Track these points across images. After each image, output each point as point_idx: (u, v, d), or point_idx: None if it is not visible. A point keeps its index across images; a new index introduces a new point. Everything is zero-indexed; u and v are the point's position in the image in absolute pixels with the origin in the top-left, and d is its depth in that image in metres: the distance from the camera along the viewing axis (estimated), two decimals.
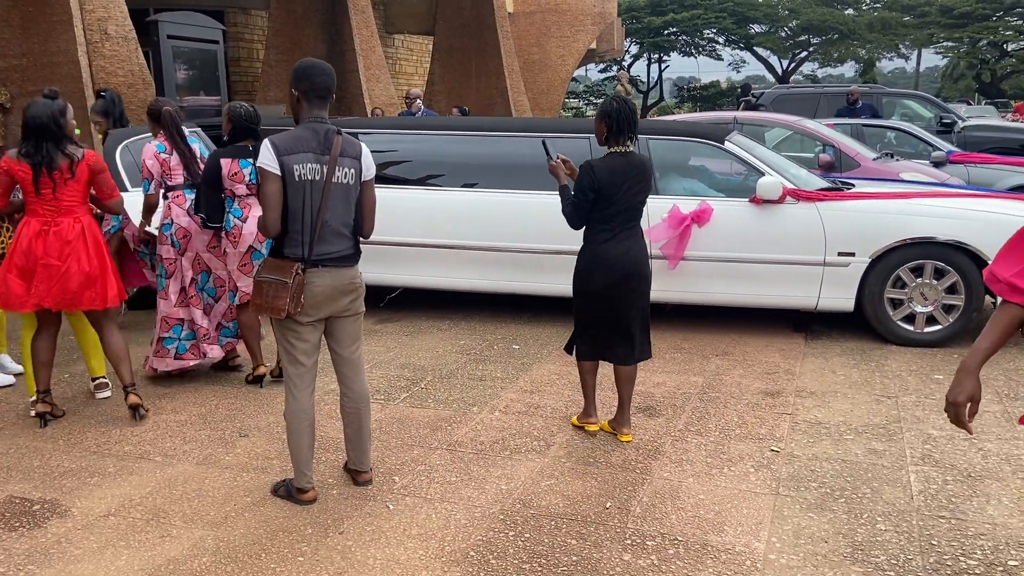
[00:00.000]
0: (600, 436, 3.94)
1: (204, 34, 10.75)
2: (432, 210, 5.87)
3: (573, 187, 3.77)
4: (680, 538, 3.00)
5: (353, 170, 3.18)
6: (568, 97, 38.90)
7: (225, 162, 4.48)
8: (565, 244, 5.52)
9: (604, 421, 4.06)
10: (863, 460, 3.63)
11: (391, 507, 3.26)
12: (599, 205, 3.69)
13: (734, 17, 40.20)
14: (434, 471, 3.59)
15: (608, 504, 3.27)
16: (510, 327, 5.94)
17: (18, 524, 3.14)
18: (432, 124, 6.19)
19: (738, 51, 46.11)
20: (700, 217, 5.37)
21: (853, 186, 5.82)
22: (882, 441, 3.82)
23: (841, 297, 5.29)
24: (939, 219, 5.13)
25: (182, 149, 4.63)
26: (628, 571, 2.80)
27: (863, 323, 5.72)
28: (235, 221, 4.53)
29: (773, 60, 44.44)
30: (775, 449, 3.75)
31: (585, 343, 3.90)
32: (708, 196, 5.53)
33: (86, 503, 3.30)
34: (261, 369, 4.68)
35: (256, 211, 4.55)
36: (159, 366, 4.67)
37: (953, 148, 9.38)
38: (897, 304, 5.27)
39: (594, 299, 3.78)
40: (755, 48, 43.78)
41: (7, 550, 2.95)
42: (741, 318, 5.99)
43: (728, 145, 5.58)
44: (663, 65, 45.97)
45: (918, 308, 5.23)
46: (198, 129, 6.17)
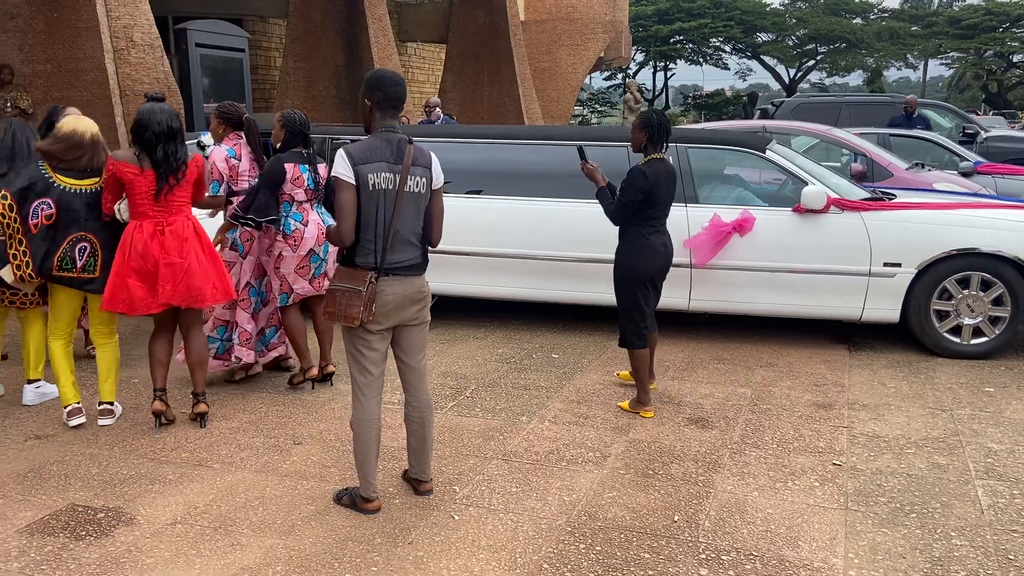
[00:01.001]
0: (656, 448, 3.91)
1: (230, 42, 10.78)
2: (468, 218, 5.85)
3: (622, 190, 4.18)
4: (755, 553, 2.97)
5: (424, 179, 3.17)
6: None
7: (289, 166, 4.52)
8: (602, 252, 5.51)
9: (625, 372, 4.77)
10: (928, 474, 3.60)
11: (456, 517, 3.24)
12: (644, 204, 4.18)
13: (742, 26, 40.30)
14: (493, 481, 3.56)
15: (676, 517, 3.24)
16: (546, 336, 5.92)
17: (84, 533, 3.11)
18: (467, 132, 6.18)
19: (744, 60, 46.22)
20: (742, 226, 5.35)
21: (895, 196, 5.80)
22: (944, 455, 3.80)
23: (886, 308, 5.27)
24: (986, 230, 5.11)
25: (260, 156, 4.67)
26: None
27: (905, 334, 5.70)
28: (295, 225, 4.56)
29: (780, 69, 44.52)
30: (837, 463, 3.72)
31: (637, 332, 4.32)
32: (749, 205, 5.51)
33: (150, 511, 3.27)
34: (313, 371, 4.68)
35: (314, 216, 4.63)
36: None
37: (980, 159, 9.36)
38: (943, 316, 5.25)
39: (641, 286, 4.29)
40: (762, 57, 43.87)
41: (77, 559, 2.93)
42: (780, 328, 5.96)
43: (769, 154, 5.56)
44: (668, 73, 46.06)
45: (965, 320, 5.20)
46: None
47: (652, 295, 4.37)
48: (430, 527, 3.16)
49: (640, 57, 43.29)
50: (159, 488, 3.48)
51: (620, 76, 41.21)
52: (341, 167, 3.04)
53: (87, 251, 4.01)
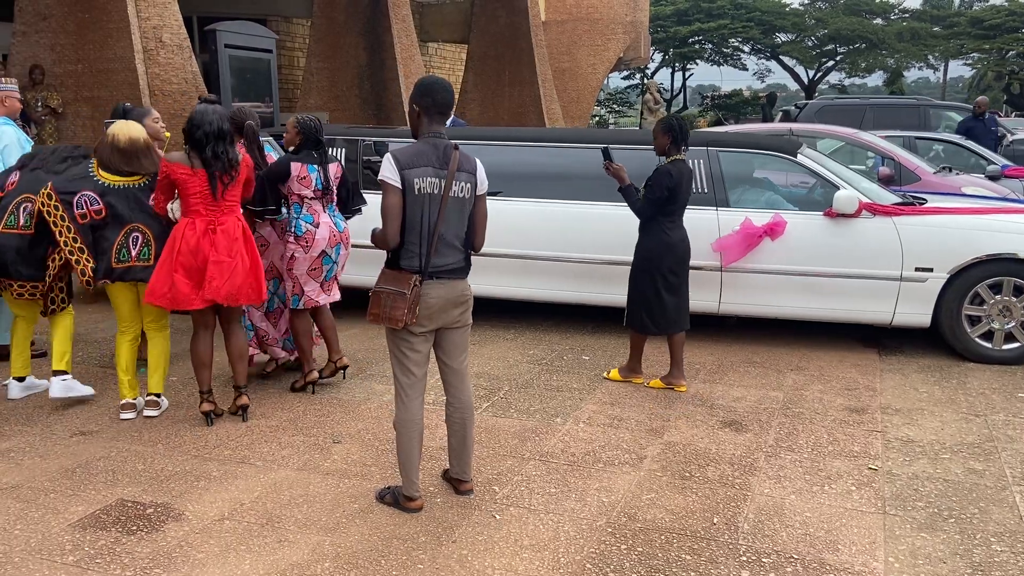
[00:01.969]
0: (691, 451, 3.94)
1: (258, 43, 10.90)
2: (497, 221, 5.89)
3: (648, 187, 4.57)
4: (795, 556, 3.00)
5: (469, 184, 3.22)
6: None
7: (295, 165, 4.57)
8: (631, 255, 5.52)
9: (656, 380, 4.87)
10: (964, 480, 3.61)
11: (498, 517, 3.28)
12: (668, 201, 4.55)
13: (761, 27, 40.12)
14: (532, 482, 3.61)
15: (715, 520, 3.27)
16: (575, 337, 5.96)
17: (135, 528, 3.18)
18: (497, 135, 6.22)
19: (763, 60, 46.01)
20: (774, 230, 5.37)
21: (926, 201, 5.80)
22: (980, 460, 3.81)
23: (918, 313, 5.27)
24: (1020, 235, 5.10)
25: (260, 164, 4.69)
26: None
27: (934, 339, 5.70)
28: (307, 226, 4.59)
29: (799, 69, 44.28)
30: (873, 467, 3.74)
31: (649, 318, 4.67)
32: (780, 209, 5.53)
33: (198, 507, 3.34)
34: (313, 375, 4.73)
35: (325, 217, 4.67)
36: None
37: (1007, 162, 9.31)
38: (974, 321, 5.25)
39: (660, 276, 4.61)
40: (781, 57, 43.65)
41: (130, 553, 3.00)
42: (808, 331, 5.98)
43: (801, 158, 5.58)
44: (687, 74, 45.93)
45: (997, 325, 5.20)
46: (271, 139, 6.24)
47: (672, 289, 4.64)
48: (472, 526, 3.21)
49: (659, 57, 43.19)
50: (205, 484, 3.55)
51: (639, 76, 41.13)
52: (388, 171, 3.10)
53: (140, 240, 4.14)
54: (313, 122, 4.62)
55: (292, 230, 4.59)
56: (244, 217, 4.28)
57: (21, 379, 4.62)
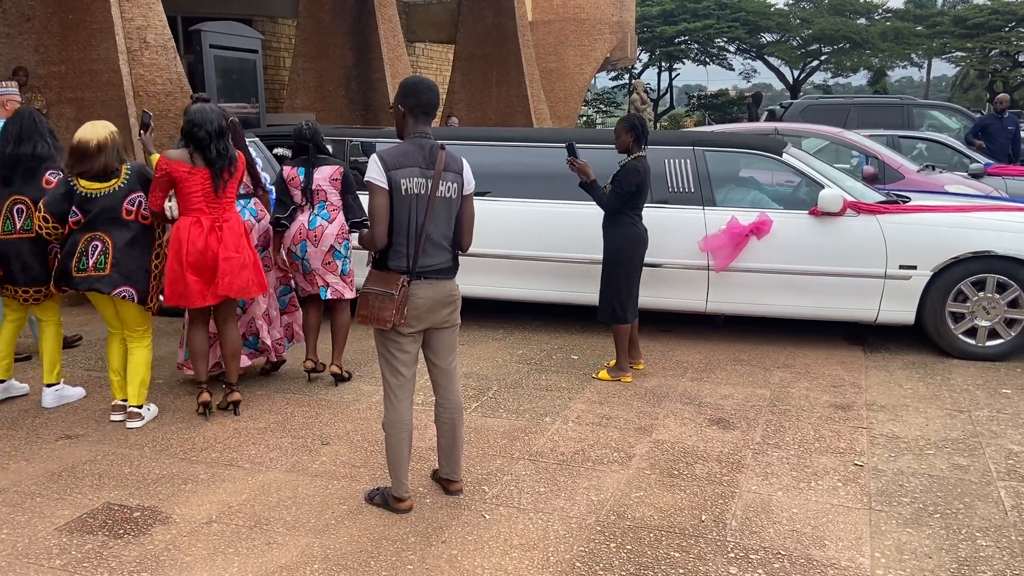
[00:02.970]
0: (679, 449, 3.96)
1: (244, 44, 10.84)
2: (485, 221, 5.90)
3: (616, 181, 4.76)
4: (783, 552, 3.02)
5: (456, 184, 3.23)
6: None
7: (287, 169, 4.82)
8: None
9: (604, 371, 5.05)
10: (949, 475, 3.65)
11: (487, 517, 3.29)
12: (635, 196, 4.76)
13: (746, 27, 40.29)
14: (521, 481, 3.61)
15: (703, 517, 3.29)
16: (564, 337, 5.97)
17: (122, 531, 3.17)
18: (483, 135, 6.23)
19: (749, 60, 46.20)
20: (760, 229, 5.40)
21: (909, 199, 5.84)
22: (964, 456, 3.84)
23: (902, 310, 5.32)
24: (1002, 233, 5.16)
25: (250, 159, 4.72)
26: None
27: (919, 336, 5.74)
28: (319, 222, 4.80)
29: (784, 69, 44.49)
30: (859, 464, 3.77)
31: (625, 307, 4.86)
32: (766, 208, 5.56)
33: (185, 510, 3.33)
34: (308, 364, 4.93)
35: (302, 217, 4.83)
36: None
37: (989, 160, 9.39)
38: (958, 318, 5.29)
39: (633, 269, 4.86)
40: (766, 57, 43.84)
41: (117, 557, 2.99)
42: (795, 329, 6.01)
43: (786, 157, 5.61)
44: (673, 73, 46.04)
45: (980, 322, 5.25)
46: (256, 139, 6.23)
47: (638, 278, 4.93)
48: (462, 526, 3.21)
49: (645, 57, 43.28)
50: (192, 487, 3.54)
51: (626, 76, 41.23)
52: (374, 172, 3.10)
53: (98, 249, 4.08)
54: (304, 129, 4.79)
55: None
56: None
57: (2, 381, 4.61)
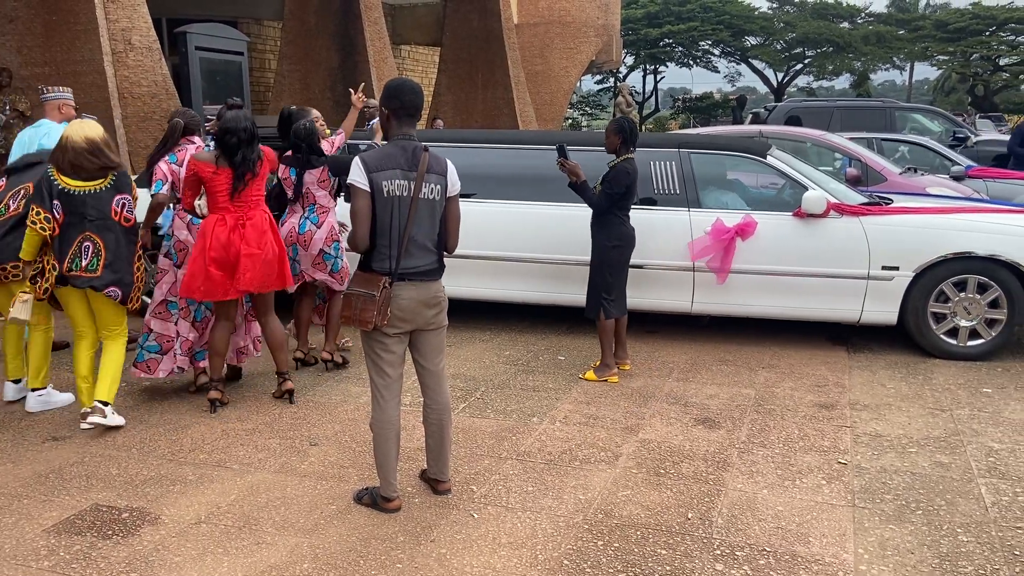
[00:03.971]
0: (665, 448, 4.00)
1: (229, 45, 10.83)
2: (473, 222, 5.92)
3: (606, 182, 4.82)
4: (768, 549, 3.06)
5: (439, 186, 3.24)
6: None
7: (282, 167, 4.93)
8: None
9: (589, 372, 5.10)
10: (931, 473, 3.70)
11: (475, 516, 3.31)
12: (624, 196, 4.82)
13: (730, 30, 40.54)
14: (509, 481, 3.64)
15: (690, 515, 3.32)
16: (551, 338, 6.00)
17: (111, 532, 3.17)
18: (473, 137, 6.25)
19: (733, 63, 46.48)
20: (744, 230, 5.45)
21: (892, 201, 5.92)
22: (946, 454, 3.90)
23: (884, 311, 5.38)
24: (982, 234, 5.23)
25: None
26: None
27: (901, 336, 5.81)
28: (308, 226, 4.94)
29: (768, 72, 44.79)
30: (842, 462, 3.82)
31: (612, 305, 4.92)
32: (751, 210, 5.61)
33: (174, 511, 3.33)
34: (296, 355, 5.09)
35: (293, 219, 4.98)
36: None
37: (971, 163, 9.51)
38: (940, 318, 5.36)
39: (621, 267, 4.94)
40: (750, 60, 44.14)
41: (106, 558, 2.98)
42: (779, 330, 6.07)
43: (770, 159, 5.67)
44: (658, 76, 46.25)
45: (961, 322, 5.32)
46: None
47: (626, 276, 5.01)
48: (451, 525, 3.23)
49: (630, 60, 43.45)
50: (180, 488, 3.54)
51: (611, 79, 41.36)
52: (356, 174, 3.12)
53: (91, 250, 4.10)
54: (301, 128, 4.86)
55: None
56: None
57: (17, 381, 4.63)
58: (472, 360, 5.45)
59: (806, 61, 43.66)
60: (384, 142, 3.50)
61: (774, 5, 44.44)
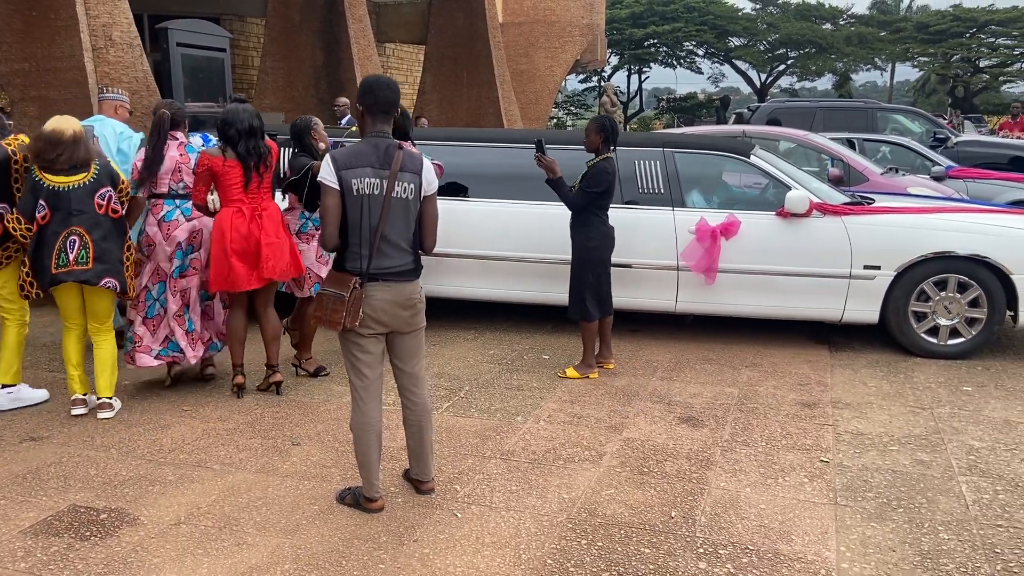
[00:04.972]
0: (649, 447, 4.00)
1: (212, 42, 10.74)
2: (456, 221, 5.91)
3: (586, 180, 4.81)
4: (751, 547, 3.07)
5: (413, 185, 3.18)
6: None
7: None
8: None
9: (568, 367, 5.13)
10: (912, 471, 3.72)
11: (459, 515, 3.29)
12: (603, 195, 4.82)
13: (714, 31, 40.71)
14: (493, 480, 3.62)
15: (673, 513, 3.32)
16: (535, 337, 6.00)
17: (89, 533, 3.12)
18: (456, 135, 6.23)
19: (717, 64, 46.67)
20: (728, 230, 5.47)
21: (874, 200, 5.95)
22: (927, 452, 3.93)
23: (866, 309, 5.41)
24: (963, 234, 5.27)
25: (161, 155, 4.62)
26: None
27: (883, 335, 5.85)
28: (310, 227, 4.97)
29: (752, 73, 45.01)
30: (824, 460, 3.83)
31: (594, 305, 4.93)
32: (734, 209, 5.62)
33: (153, 511, 3.29)
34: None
35: (291, 214, 4.94)
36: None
37: (952, 163, 9.59)
38: (921, 317, 5.40)
39: (603, 267, 4.93)
40: (734, 61, 44.33)
41: (84, 559, 2.95)
42: (762, 329, 6.09)
43: (754, 159, 5.69)
44: (643, 76, 46.35)
45: (942, 321, 5.36)
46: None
47: (608, 275, 5.00)
48: (434, 525, 3.22)
49: (615, 60, 43.53)
50: (160, 489, 3.50)
51: (595, 79, 41.43)
52: (326, 172, 3.08)
53: (77, 244, 4.10)
54: (298, 123, 4.85)
55: None
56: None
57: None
58: (456, 359, 5.43)
59: (789, 62, 43.91)
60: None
61: (757, 6, 44.69)
